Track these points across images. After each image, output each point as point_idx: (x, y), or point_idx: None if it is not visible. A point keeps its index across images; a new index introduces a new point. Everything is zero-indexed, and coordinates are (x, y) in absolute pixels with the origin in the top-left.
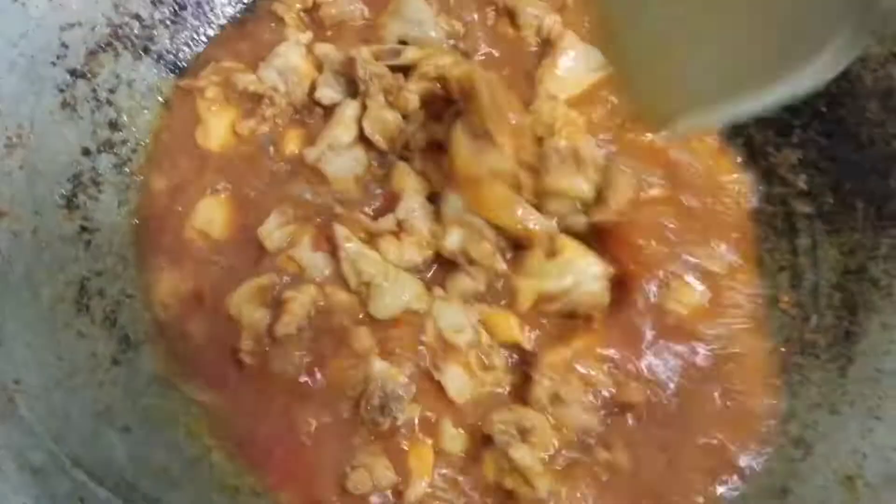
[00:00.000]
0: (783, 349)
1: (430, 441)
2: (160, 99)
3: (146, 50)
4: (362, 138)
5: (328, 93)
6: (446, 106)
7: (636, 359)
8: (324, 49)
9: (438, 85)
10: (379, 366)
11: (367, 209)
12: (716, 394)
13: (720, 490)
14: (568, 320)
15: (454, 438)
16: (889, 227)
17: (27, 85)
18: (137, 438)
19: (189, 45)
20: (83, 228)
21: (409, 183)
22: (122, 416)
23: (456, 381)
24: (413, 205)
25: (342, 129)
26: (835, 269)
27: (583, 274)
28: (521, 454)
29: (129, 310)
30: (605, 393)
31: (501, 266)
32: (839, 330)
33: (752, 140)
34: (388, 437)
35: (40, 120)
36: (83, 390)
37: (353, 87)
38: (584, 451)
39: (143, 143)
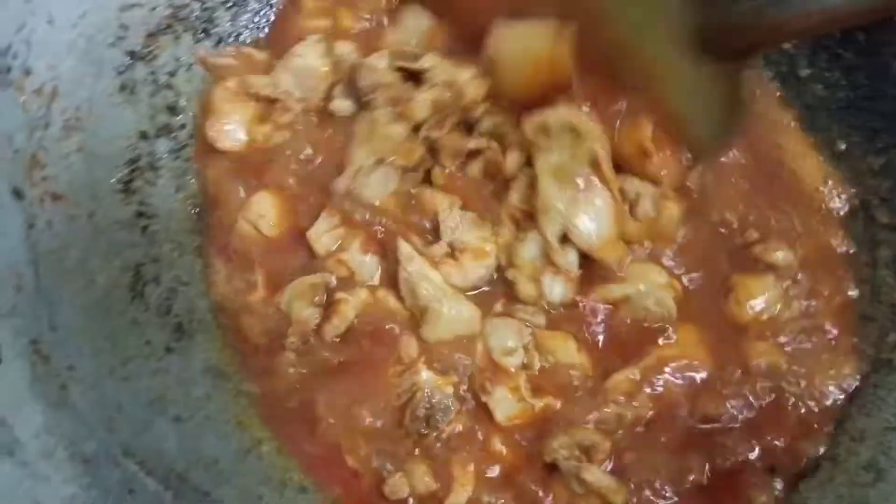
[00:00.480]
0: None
1: (478, 453)
2: None
3: (206, 32)
4: None
5: (342, 105)
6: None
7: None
8: (343, 49)
9: (449, 94)
10: (426, 375)
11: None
12: (788, 407)
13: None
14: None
15: (504, 454)
16: None
17: (86, 67)
18: (189, 429)
19: (249, 28)
20: (140, 214)
21: (438, 202)
22: (174, 405)
23: (503, 404)
24: (452, 223)
25: (363, 153)
26: None
27: (651, 284)
28: (596, 476)
29: (183, 298)
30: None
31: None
32: None
33: (834, 143)
34: (430, 447)
35: (98, 103)
36: (136, 379)
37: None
38: None
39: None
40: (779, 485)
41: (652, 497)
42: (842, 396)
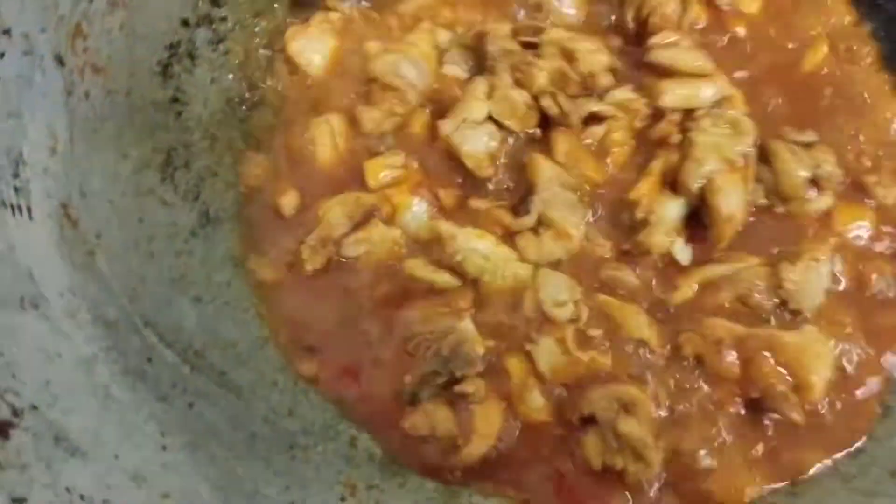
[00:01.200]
0: None
1: (503, 405)
2: None
3: None
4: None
5: (455, 70)
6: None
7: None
8: (444, 37)
9: (567, 64)
10: (468, 325)
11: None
12: None
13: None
14: None
15: (539, 409)
16: None
17: None
18: (208, 311)
19: None
20: (175, 99)
21: (544, 172)
22: (195, 286)
23: (547, 355)
24: (548, 196)
25: (476, 105)
26: None
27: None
28: (631, 427)
29: (212, 187)
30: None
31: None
32: None
33: None
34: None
35: None
36: (161, 256)
37: (480, 63)
38: None
39: (242, 25)
40: None
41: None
42: None
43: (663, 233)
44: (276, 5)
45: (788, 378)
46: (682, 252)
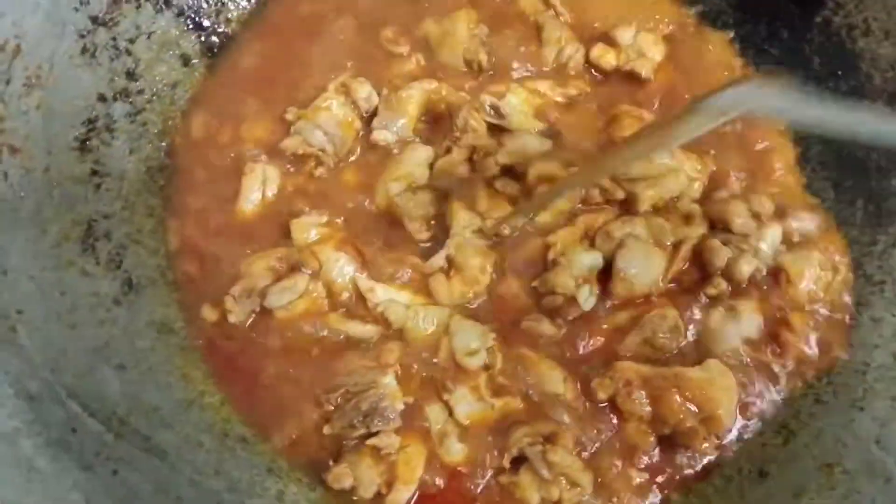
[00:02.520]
0: None
1: (424, 450)
2: (178, 53)
3: (167, 3)
4: None
5: (386, 135)
6: None
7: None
8: (363, 91)
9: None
10: (390, 381)
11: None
12: None
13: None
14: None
15: (458, 452)
16: (886, 225)
17: (49, 27)
18: (132, 377)
19: (209, 3)
20: (94, 172)
21: (460, 220)
22: (118, 354)
23: (463, 403)
24: (460, 241)
25: (420, 171)
26: None
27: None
28: (560, 456)
29: (134, 255)
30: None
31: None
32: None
33: None
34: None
35: (60, 63)
36: (83, 326)
37: (437, 126)
38: None
39: (158, 96)
40: None
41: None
42: None
43: (570, 276)
44: (195, 73)
45: (696, 412)
46: (587, 300)
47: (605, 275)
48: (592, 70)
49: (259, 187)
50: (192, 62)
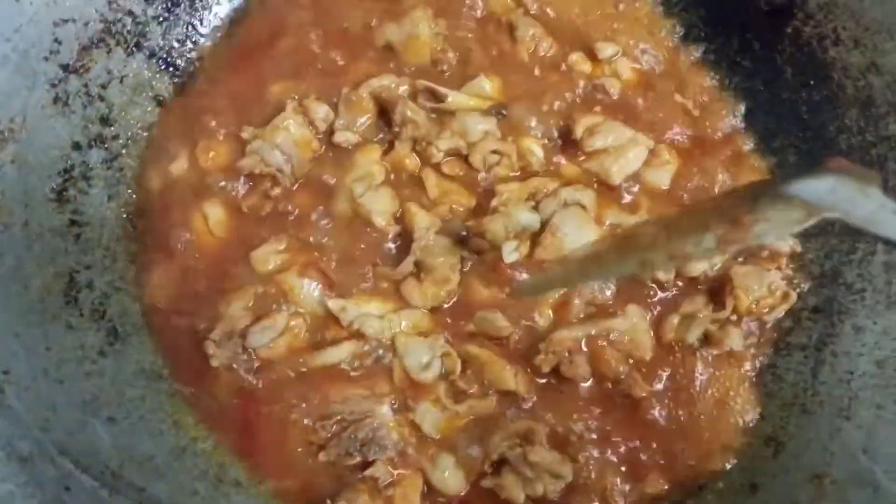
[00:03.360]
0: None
1: (419, 483)
2: (152, 95)
3: (138, 46)
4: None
5: (348, 136)
6: None
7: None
8: (319, 111)
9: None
10: (386, 411)
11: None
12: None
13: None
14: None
15: (451, 477)
16: (865, 233)
17: (20, 79)
18: (123, 428)
19: (181, 42)
20: (73, 222)
21: (420, 221)
22: (108, 406)
23: (428, 417)
24: (425, 243)
25: (377, 170)
26: (811, 273)
27: None
28: (541, 455)
29: (117, 303)
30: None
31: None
32: (813, 332)
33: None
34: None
35: (32, 114)
36: (70, 381)
37: (383, 119)
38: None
39: (134, 139)
40: None
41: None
42: None
43: (503, 226)
44: (170, 114)
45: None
46: (511, 254)
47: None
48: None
49: (204, 223)
50: (167, 103)
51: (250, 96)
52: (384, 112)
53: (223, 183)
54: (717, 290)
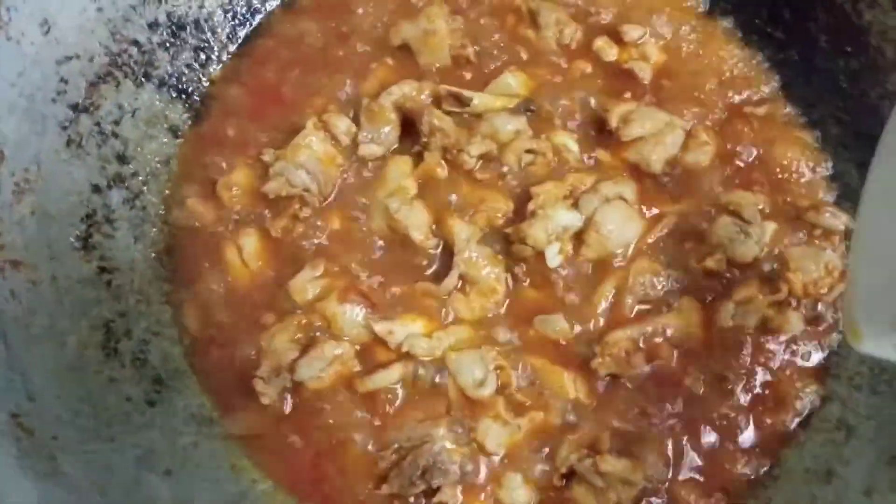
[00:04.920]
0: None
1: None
2: (167, 126)
3: (147, 76)
4: None
5: (373, 149)
6: None
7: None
8: (341, 125)
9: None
10: (444, 433)
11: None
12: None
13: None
14: None
15: (520, 494)
16: None
17: (29, 125)
18: (180, 479)
19: (190, 68)
20: (102, 269)
21: (460, 233)
22: (162, 459)
23: (490, 434)
24: (468, 256)
25: (409, 184)
26: None
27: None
28: (611, 464)
29: (157, 348)
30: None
31: None
32: None
33: None
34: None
35: (46, 161)
36: (121, 437)
37: (407, 129)
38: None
39: (154, 175)
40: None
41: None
42: None
43: (544, 230)
44: (186, 144)
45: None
46: (554, 258)
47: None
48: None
49: (238, 256)
50: (183, 133)
51: (266, 117)
52: (409, 122)
53: (249, 213)
54: (772, 275)
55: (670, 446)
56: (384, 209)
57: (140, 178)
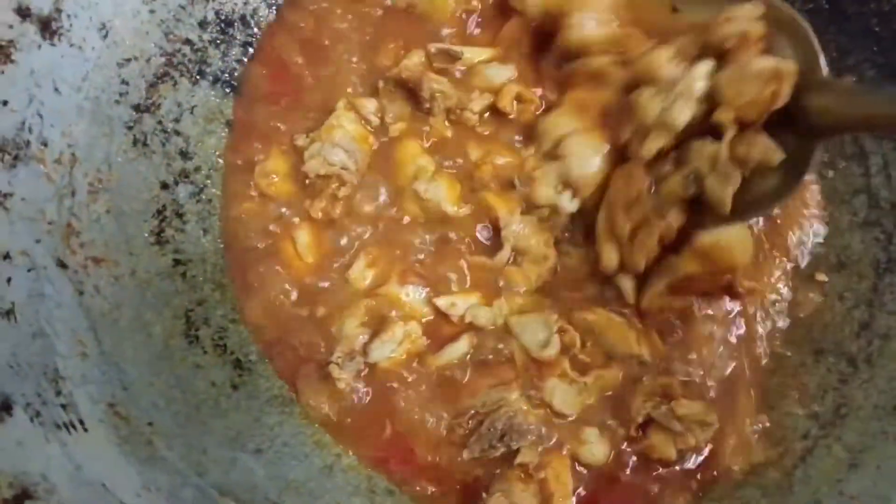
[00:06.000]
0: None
1: (566, 460)
2: (224, 120)
3: (202, 73)
4: None
5: (401, 126)
6: None
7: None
8: (369, 106)
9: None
10: (516, 396)
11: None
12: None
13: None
14: None
15: (597, 448)
16: None
17: (97, 128)
18: (270, 458)
19: (241, 63)
20: (176, 261)
21: (502, 207)
22: (252, 438)
23: (558, 394)
24: (515, 227)
25: (426, 160)
26: None
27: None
28: (688, 407)
29: (235, 334)
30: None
31: None
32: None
33: None
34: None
35: (116, 161)
36: (212, 420)
37: (413, 101)
38: None
39: (215, 168)
40: None
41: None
42: None
43: (547, 185)
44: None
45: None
46: (570, 203)
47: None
48: None
49: (293, 249)
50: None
51: (294, 105)
52: (412, 92)
53: (293, 202)
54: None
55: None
56: (413, 194)
57: (203, 172)
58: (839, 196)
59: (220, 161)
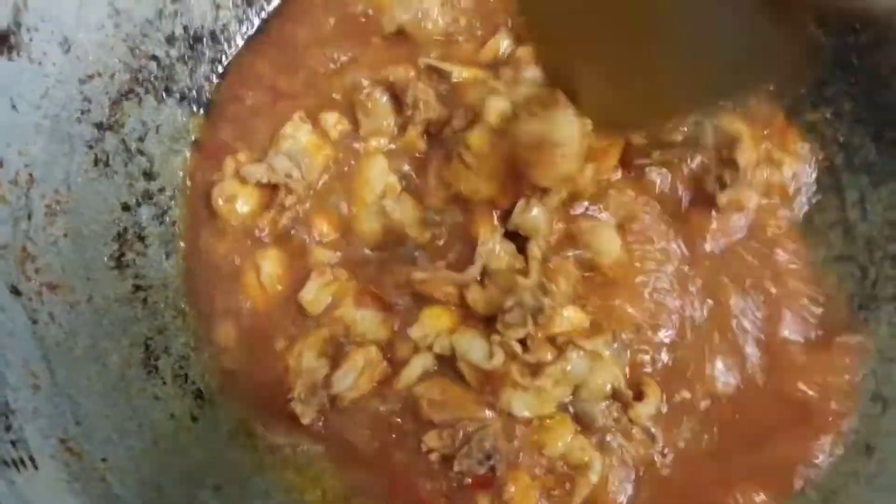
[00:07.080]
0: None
1: (528, 478)
2: (190, 140)
3: (168, 91)
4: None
5: (381, 142)
6: None
7: None
8: (329, 120)
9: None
10: (492, 415)
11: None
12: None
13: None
14: None
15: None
16: None
17: (56, 146)
18: (230, 494)
19: (209, 80)
20: (137, 287)
21: (485, 223)
22: (211, 474)
23: (514, 402)
24: (490, 246)
25: (392, 179)
26: (885, 219)
27: None
28: (639, 411)
29: (196, 363)
30: None
31: None
32: None
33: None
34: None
35: (76, 181)
36: (169, 455)
37: (394, 106)
38: None
39: (180, 189)
40: None
41: None
42: None
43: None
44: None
45: None
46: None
47: None
48: None
49: (256, 278)
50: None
51: (263, 125)
52: (397, 99)
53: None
54: None
55: None
56: (378, 210)
57: (167, 193)
58: (814, 229)
59: (187, 182)
